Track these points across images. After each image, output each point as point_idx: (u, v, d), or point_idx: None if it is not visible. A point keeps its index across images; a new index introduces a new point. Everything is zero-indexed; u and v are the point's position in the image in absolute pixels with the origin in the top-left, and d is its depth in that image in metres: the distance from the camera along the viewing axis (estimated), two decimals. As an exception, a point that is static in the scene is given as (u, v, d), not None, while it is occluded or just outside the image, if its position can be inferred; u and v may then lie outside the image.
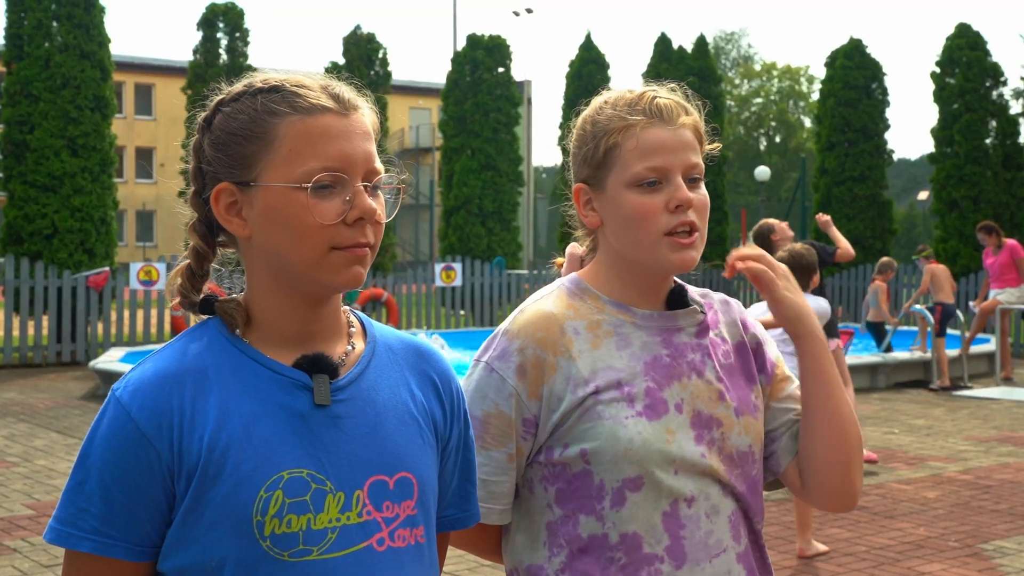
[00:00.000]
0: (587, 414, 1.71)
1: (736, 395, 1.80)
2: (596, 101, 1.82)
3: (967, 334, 13.98)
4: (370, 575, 1.43)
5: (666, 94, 1.78)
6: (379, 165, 1.48)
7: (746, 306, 2.17)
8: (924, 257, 14.52)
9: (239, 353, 1.45)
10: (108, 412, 1.42)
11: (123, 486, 1.39)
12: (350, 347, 1.52)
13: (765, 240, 8.37)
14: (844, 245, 8.98)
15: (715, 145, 1.84)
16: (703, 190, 1.76)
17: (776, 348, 1.92)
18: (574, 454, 1.71)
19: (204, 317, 1.51)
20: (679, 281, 1.87)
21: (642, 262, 1.76)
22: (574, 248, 1.96)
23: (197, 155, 1.49)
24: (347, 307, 1.57)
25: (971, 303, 14.80)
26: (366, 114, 1.50)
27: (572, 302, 1.80)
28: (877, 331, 13.93)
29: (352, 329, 1.55)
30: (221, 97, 1.50)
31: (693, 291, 1.88)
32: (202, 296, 1.52)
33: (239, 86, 1.50)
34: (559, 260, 2.04)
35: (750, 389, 1.83)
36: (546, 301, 1.81)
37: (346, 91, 1.49)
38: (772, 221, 8.36)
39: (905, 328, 15.72)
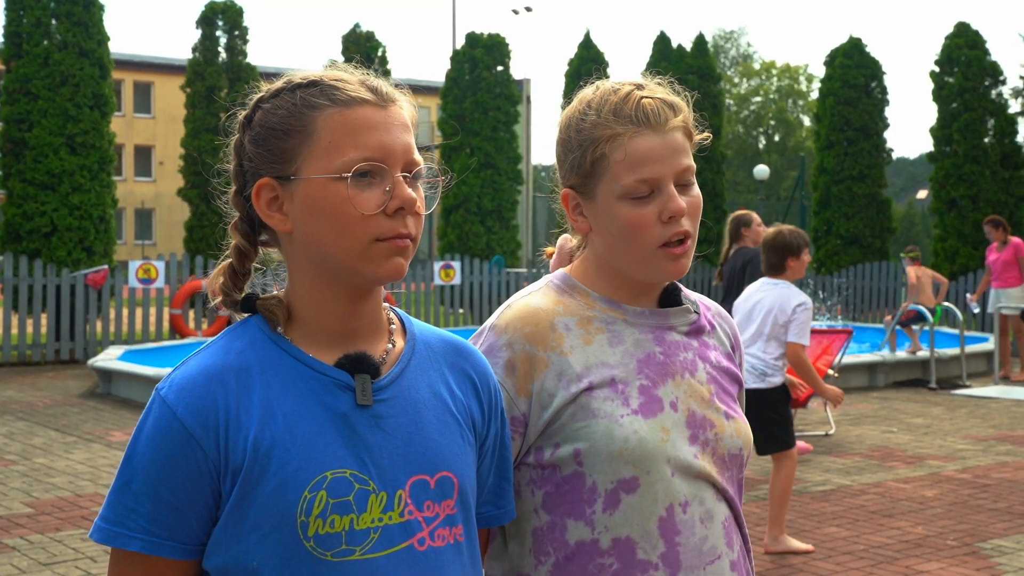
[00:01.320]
0: (581, 412, 1.66)
1: (724, 399, 1.77)
2: (580, 102, 1.75)
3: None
4: (411, 574, 1.44)
5: (651, 93, 1.72)
6: (418, 157, 1.48)
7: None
8: (911, 258, 14.60)
9: (281, 351, 1.46)
10: (153, 411, 1.42)
11: (170, 485, 1.39)
12: (390, 345, 1.53)
13: (737, 230, 8.35)
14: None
15: (705, 135, 1.78)
16: (696, 191, 1.71)
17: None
18: (566, 454, 1.66)
19: (244, 315, 1.51)
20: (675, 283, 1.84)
21: (634, 273, 1.73)
22: (565, 240, 1.91)
23: (238, 153, 1.50)
24: (387, 305, 1.57)
25: (968, 295, 14.84)
26: (404, 107, 1.51)
27: (561, 298, 1.76)
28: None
29: (392, 327, 1.56)
30: (261, 95, 1.51)
31: (689, 293, 1.85)
32: (244, 294, 1.52)
33: (279, 83, 1.51)
34: (548, 250, 1.99)
35: (735, 396, 1.81)
36: (534, 297, 1.77)
37: (384, 84, 1.50)
38: (751, 215, 8.33)
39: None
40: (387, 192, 1.43)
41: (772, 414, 6.04)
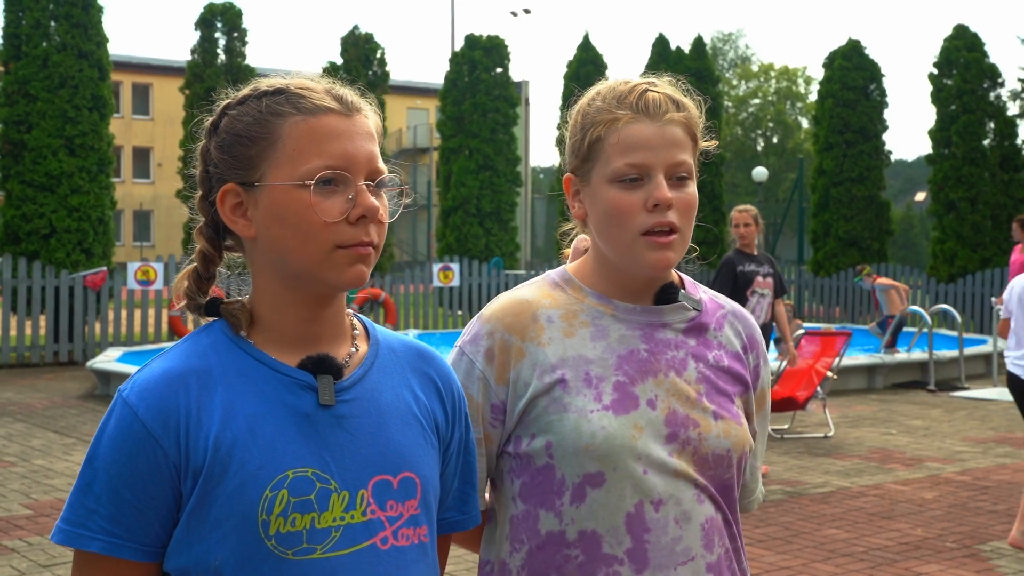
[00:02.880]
0: (553, 404, 1.68)
1: (716, 399, 1.74)
2: (591, 92, 1.79)
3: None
4: (374, 573, 1.44)
5: (660, 88, 1.74)
6: (382, 165, 1.49)
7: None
8: (867, 275, 14.77)
9: (244, 354, 1.47)
10: (115, 413, 1.43)
11: (131, 486, 1.40)
12: (354, 349, 1.54)
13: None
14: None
15: (711, 142, 1.79)
16: (690, 189, 1.70)
17: (770, 376, 1.89)
18: (539, 446, 1.69)
19: (209, 319, 1.52)
20: (683, 276, 1.83)
21: (618, 261, 1.73)
22: (582, 241, 1.95)
23: (204, 159, 1.51)
24: (349, 310, 1.59)
25: (993, 299, 14.87)
26: (369, 116, 1.52)
27: (552, 292, 1.78)
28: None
29: (356, 332, 1.57)
30: (227, 101, 1.52)
31: (701, 291, 1.83)
32: (208, 299, 1.54)
33: (245, 90, 1.51)
34: (566, 251, 2.05)
35: (734, 397, 1.78)
36: (525, 289, 1.80)
37: (349, 93, 1.51)
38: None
39: (910, 328, 15.73)
40: (350, 200, 1.44)
41: None
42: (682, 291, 1.79)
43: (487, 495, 1.81)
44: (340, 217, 1.43)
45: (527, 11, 45.29)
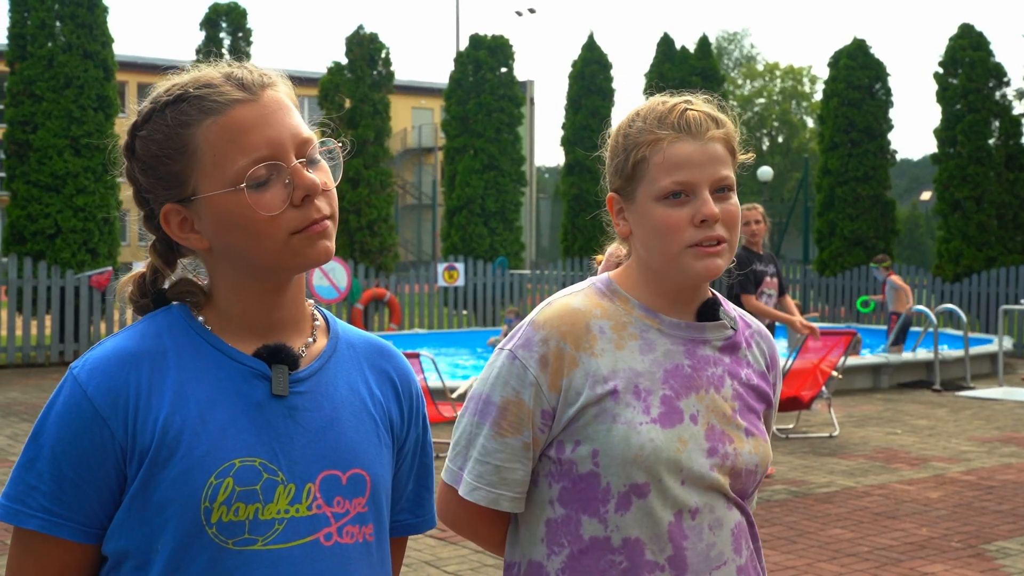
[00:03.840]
0: (603, 415, 1.71)
1: (747, 417, 1.81)
2: (630, 112, 1.83)
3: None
4: (314, 569, 1.42)
5: (698, 106, 1.79)
6: (308, 133, 1.45)
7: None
8: (885, 267, 14.71)
9: (199, 339, 1.45)
10: (64, 390, 1.41)
11: (75, 465, 1.37)
12: (311, 340, 1.51)
13: None
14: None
15: (749, 155, 1.85)
16: (733, 201, 1.77)
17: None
18: (585, 454, 1.71)
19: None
20: (716, 294, 1.88)
21: (668, 273, 1.77)
22: (616, 249, 1.98)
23: (133, 182, 1.48)
24: (311, 301, 1.56)
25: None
26: (279, 87, 1.46)
27: (601, 301, 1.81)
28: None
29: (316, 324, 1.55)
30: (135, 121, 1.47)
31: (731, 309, 1.88)
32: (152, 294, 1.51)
33: (147, 104, 1.46)
34: (598, 257, 2.08)
35: (760, 414, 1.85)
36: (575, 297, 1.82)
37: (251, 73, 1.45)
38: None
39: (915, 328, 15.72)
40: (288, 184, 1.40)
41: None
42: (722, 308, 1.84)
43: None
44: (283, 206, 1.39)
45: (532, 11, 45.31)
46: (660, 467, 1.70)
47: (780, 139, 62.62)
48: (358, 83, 20.82)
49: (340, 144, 1.51)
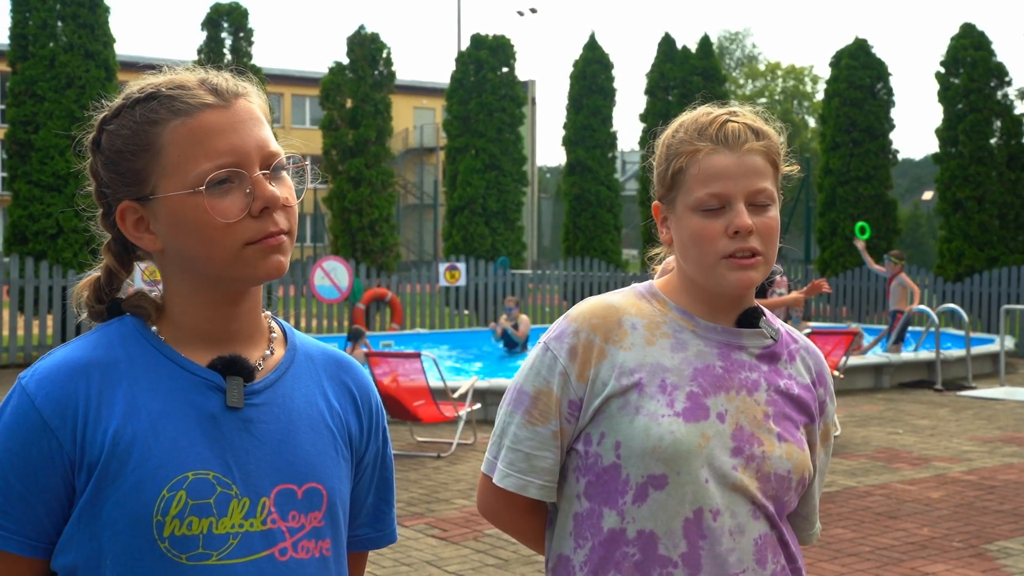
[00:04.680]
0: (627, 406, 1.74)
1: (782, 423, 1.81)
2: (676, 123, 1.86)
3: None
4: None
5: (740, 118, 1.80)
6: (276, 148, 1.42)
7: None
8: (895, 261, 14.68)
9: (153, 349, 1.42)
10: (12, 400, 1.37)
11: (22, 477, 1.34)
12: (268, 352, 1.49)
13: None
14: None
15: (793, 167, 1.87)
16: (771, 214, 1.78)
17: (835, 414, 1.95)
18: (609, 445, 1.75)
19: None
20: (761, 306, 1.88)
21: (703, 283, 1.80)
22: (670, 263, 2.01)
23: (94, 177, 1.47)
24: (268, 313, 1.54)
25: None
26: (253, 98, 1.45)
27: (638, 302, 1.85)
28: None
29: (273, 335, 1.52)
30: (104, 115, 1.46)
31: (777, 324, 1.89)
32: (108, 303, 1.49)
33: (119, 100, 1.45)
34: (656, 268, 2.10)
35: (799, 425, 1.84)
36: (613, 295, 1.87)
37: (226, 81, 1.44)
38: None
39: (917, 328, 15.71)
40: (248, 194, 1.38)
41: None
42: (763, 318, 1.86)
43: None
44: (241, 215, 1.37)
45: (533, 11, 45.30)
46: (680, 460, 1.71)
47: (781, 139, 62.53)
48: (359, 83, 20.82)
49: (305, 163, 1.49)
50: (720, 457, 1.74)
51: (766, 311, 1.89)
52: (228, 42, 19.71)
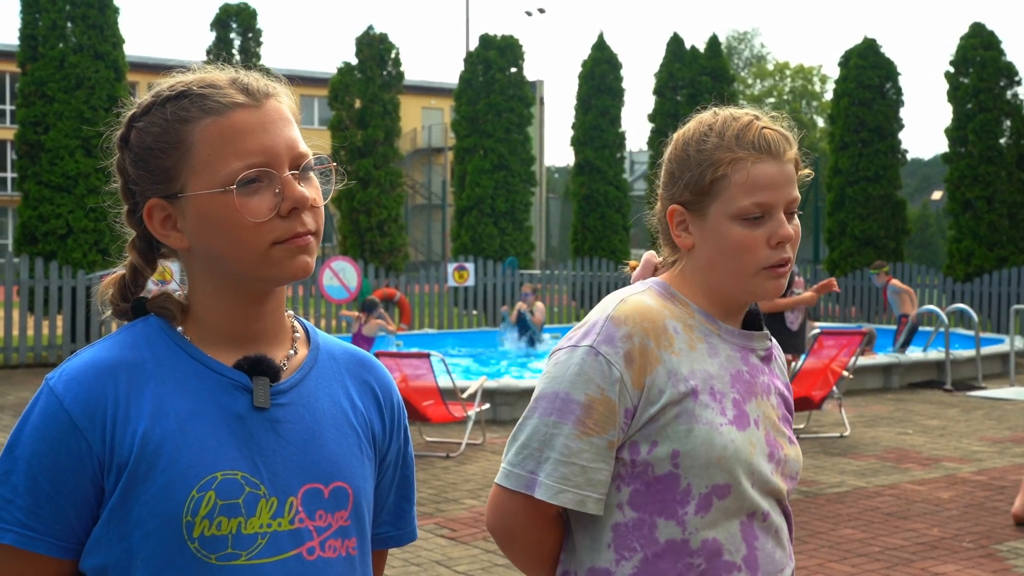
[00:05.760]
0: (684, 415, 1.70)
1: (787, 424, 1.85)
2: (699, 124, 1.81)
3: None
4: None
5: (771, 124, 1.79)
6: (305, 149, 1.43)
7: None
8: (884, 273, 14.71)
9: (178, 349, 1.42)
10: (40, 401, 1.38)
11: (51, 478, 1.35)
12: (292, 351, 1.50)
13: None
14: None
15: (807, 172, 1.85)
16: (797, 221, 1.79)
17: None
18: (663, 455, 1.69)
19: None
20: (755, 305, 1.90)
21: (735, 290, 1.78)
22: (652, 256, 1.96)
23: (122, 174, 1.47)
24: (291, 313, 1.55)
25: None
26: (282, 99, 1.46)
27: (666, 303, 1.79)
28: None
29: (296, 335, 1.53)
30: (133, 112, 1.46)
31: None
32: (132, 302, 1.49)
33: (148, 97, 1.45)
34: (632, 263, 2.04)
35: (791, 424, 1.88)
36: (644, 295, 1.79)
37: (257, 80, 1.45)
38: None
39: (926, 328, 15.67)
40: (277, 194, 1.39)
41: None
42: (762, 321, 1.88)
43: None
44: (270, 215, 1.38)
45: (542, 11, 45.29)
46: (739, 469, 1.71)
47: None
48: (368, 83, 20.84)
49: (335, 165, 1.49)
50: (762, 463, 1.75)
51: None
52: (237, 42, 19.75)
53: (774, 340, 1.93)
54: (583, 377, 1.69)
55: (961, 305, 15.20)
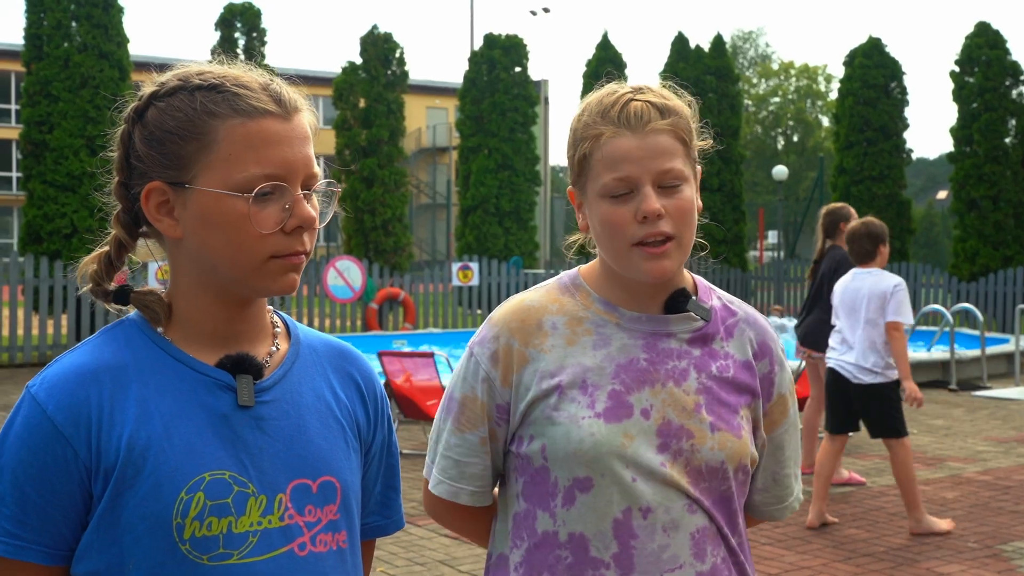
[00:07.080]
0: (549, 410, 1.72)
1: (716, 410, 1.74)
2: (583, 102, 1.78)
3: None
4: None
5: (644, 96, 1.72)
6: (317, 169, 1.44)
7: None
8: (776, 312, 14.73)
9: (160, 351, 1.42)
10: (23, 410, 1.37)
11: (38, 486, 1.34)
12: (274, 348, 1.49)
13: (834, 225, 7.86)
14: None
15: (706, 142, 1.78)
16: (684, 194, 1.70)
17: (791, 380, 1.87)
18: (536, 449, 1.73)
19: (115, 307, 1.48)
20: (698, 280, 1.83)
21: (618, 269, 1.75)
22: None
23: (124, 146, 1.45)
24: (270, 308, 1.54)
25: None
26: (306, 116, 1.46)
27: (560, 297, 1.80)
28: None
29: (276, 330, 1.52)
30: (154, 89, 1.44)
31: (715, 297, 1.83)
32: (115, 286, 1.49)
33: (173, 80, 1.44)
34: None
35: (738, 408, 1.77)
36: (532, 293, 1.83)
37: (288, 92, 1.44)
38: (849, 209, 7.96)
39: (932, 328, 15.65)
40: (286, 210, 1.39)
41: (888, 404, 6.66)
42: (692, 299, 1.78)
43: (495, 490, 1.86)
44: (276, 228, 1.39)
45: (546, 10, 45.31)
46: (601, 461, 1.68)
47: (795, 138, 62.46)
48: (372, 83, 20.84)
49: (338, 191, 1.50)
50: (646, 454, 1.69)
51: (701, 286, 1.82)
52: (241, 42, 19.75)
53: (740, 312, 1.83)
54: (460, 376, 1.80)
55: (966, 305, 15.19)
